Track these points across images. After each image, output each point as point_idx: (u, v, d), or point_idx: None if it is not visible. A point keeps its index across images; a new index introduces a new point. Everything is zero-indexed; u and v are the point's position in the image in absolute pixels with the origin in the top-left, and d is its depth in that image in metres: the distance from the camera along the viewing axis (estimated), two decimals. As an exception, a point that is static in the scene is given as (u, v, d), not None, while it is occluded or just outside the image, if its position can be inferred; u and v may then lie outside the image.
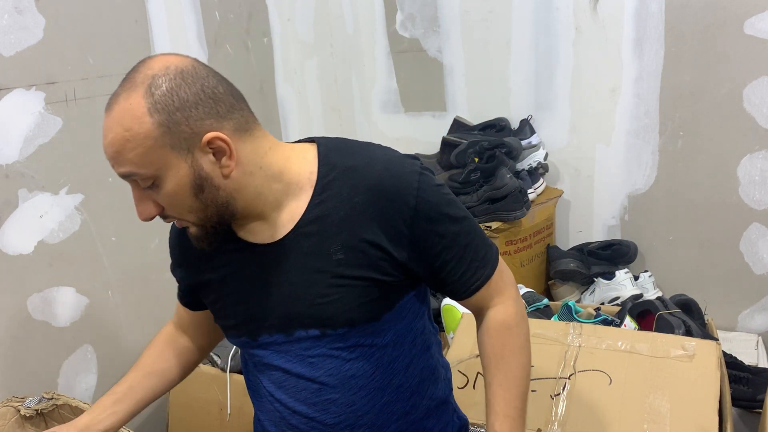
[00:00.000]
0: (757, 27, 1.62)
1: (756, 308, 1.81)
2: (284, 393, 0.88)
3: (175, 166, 0.76)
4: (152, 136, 0.74)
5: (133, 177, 0.77)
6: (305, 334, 0.85)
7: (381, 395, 0.87)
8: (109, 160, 0.77)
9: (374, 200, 0.81)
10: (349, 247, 0.82)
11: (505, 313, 0.91)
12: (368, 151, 0.85)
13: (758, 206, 1.73)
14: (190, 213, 0.80)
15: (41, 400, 1.25)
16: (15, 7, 1.23)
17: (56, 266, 1.34)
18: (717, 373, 1.22)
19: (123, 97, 0.75)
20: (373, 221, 0.81)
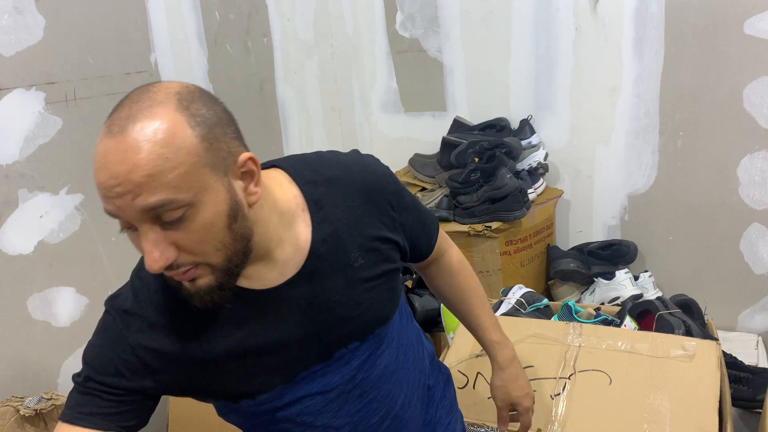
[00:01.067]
0: (757, 27, 1.62)
1: (756, 308, 1.81)
2: (326, 416, 0.84)
3: (215, 191, 0.65)
4: (195, 152, 0.63)
5: (162, 208, 0.63)
6: (345, 350, 0.82)
7: (405, 372, 0.90)
8: (129, 191, 0.62)
9: (367, 199, 0.83)
10: (365, 250, 0.82)
11: (458, 252, 1.04)
12: (333, 160, 0.85)
13: (758, 206, 1.73)
14: (217, 252, 0.67)
15: (40, 400, 1.25)
16: (15, 7, 1.23)
17: (56, 266, 1.34)
18: (717, 373, 1.22)
19: (144, 114, 0.65)
20: (373, 217, 0.83)
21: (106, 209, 0.66)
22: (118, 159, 0.64)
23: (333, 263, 0.80)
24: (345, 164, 0.84)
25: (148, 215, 0.63)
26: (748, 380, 1.47)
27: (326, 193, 0.80)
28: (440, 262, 1.01)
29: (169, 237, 0.65)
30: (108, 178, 0.64)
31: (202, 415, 1.50)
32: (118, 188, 0.63)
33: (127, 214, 0.64)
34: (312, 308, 0.79)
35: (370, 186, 0.83)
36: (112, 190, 0.63)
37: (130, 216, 0.64)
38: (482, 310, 1.03)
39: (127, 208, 0.63)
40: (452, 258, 1.02)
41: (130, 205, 0.63)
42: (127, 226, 0.66)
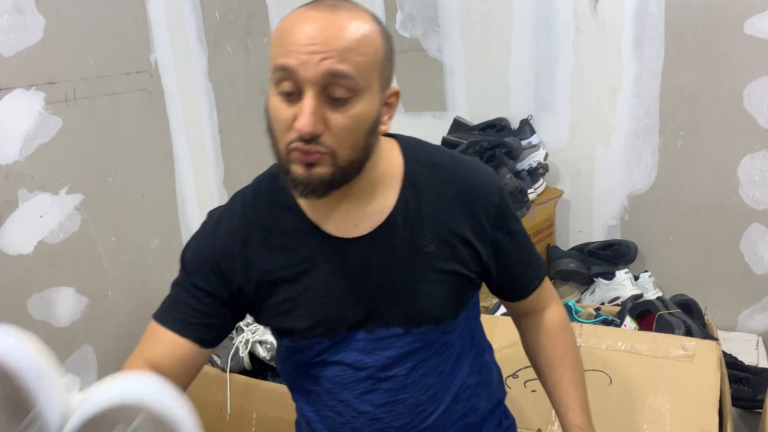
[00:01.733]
0: (757, 27, 1.62)
1: (756, 308, 1.81)
2: (350, 393, 0.83)
3: (373, 95, 0.73)
4: (380, 57, 0.72)
5: (341, 80, 0.69)
6: (386, 332, 0.82)
7: (446, 395, 0.86)
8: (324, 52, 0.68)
9: (463, 196, 0.83)
10: (439, 241, 0.82)
11: (560, 314, 0.95)
12: (448, 152, 0.89)
13: (758, 206, 1.73)
14: (349, 149, 0.73)
15: (41, 400, 1.25)
16: (15, 7, 1.23)
17: (56, 266, 1.34)
18: (717, 373, 1.21)
19: (351, 9, 0.72)
20: (462, 216, 0.83)
21: (281, 63, 0.69)
22: (324, 25, 0.69)
23: (404, 239, 0.81)
24: (458, 159, 0.87)
25: (323, 82, 0.69)
26: (748, 380, 1.47)
27: (426, 175, 0.83)
28: (537, 317, 0.95)
29: (325, 114, 0.70)
30: (307, 36, 0.68)
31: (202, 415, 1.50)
32: (315, 47, 0.68)
33: (308, 71, 0.68)
34: (370, 272, 0.80)
35: (471, 186, 0.84)
36: (307, 47, 0.68)
37: (308, 74, 0.68)
38: (573, 386, 0.91)
39: (311, 65, 0.68)
40: (552, 317, 0.94)
41: (317, 64, 0.68)
42: (291, 89, 0.70)
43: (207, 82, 1.75)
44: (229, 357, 1.48)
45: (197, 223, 1.86)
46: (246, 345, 1.49)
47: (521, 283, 0.91)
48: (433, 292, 0.82)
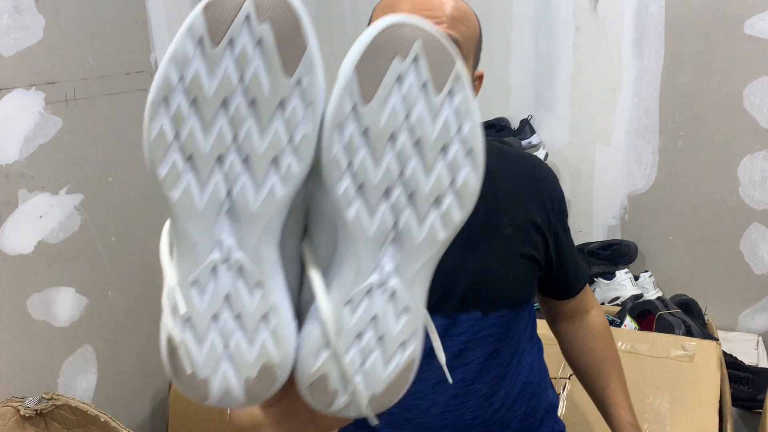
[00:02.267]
0: (757, 27, 1.62)
1: (756, 308, 1.81)
2: (421, 385, 0.79)
3: (469, 67, 0.78)
4: (477, 33, 0.78)
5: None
6: (465, 316, 0.80)
7: (512, 389, 0.85)
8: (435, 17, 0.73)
9: (534, 185, 0.86)
10: (517, 225, 0.83)
11: (603, 316, 0.97)
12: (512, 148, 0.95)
13: (758, 206, 1.73)
14: None
15: (41, 401, 1.25)
16: (15, 7, 1.23)
17: (56, 266, 1.34)
18: (717, 373, 1.22)
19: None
20: (533, 204, 0.85)
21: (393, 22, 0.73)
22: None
23: (483, 221, 0.80)
24: (522, 153, 0.91)
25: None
26: (748, 380, 1.47)
27: (497, 162, 0.84)
28: (582, 320, 0.96)
29: None
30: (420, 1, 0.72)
31: (202, 415, 1.50)
32: (428, 12, 0.72)
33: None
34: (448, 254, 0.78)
35: (540, 177, 0.87)
36: (421, 12, 0.71)
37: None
38: (621, 386, 0.94)
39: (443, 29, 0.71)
40: (598, 319, 0.96)
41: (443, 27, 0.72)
42: None
43: (207, 82, 1.75)
44: (229, 357, 1.48)
45: (197, 223, 1.82)
46: None
47: (571, 280, 0.92)
48: (511, 275, 0.82)
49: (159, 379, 1.63)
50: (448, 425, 0.80)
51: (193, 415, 1.52)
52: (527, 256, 0.83)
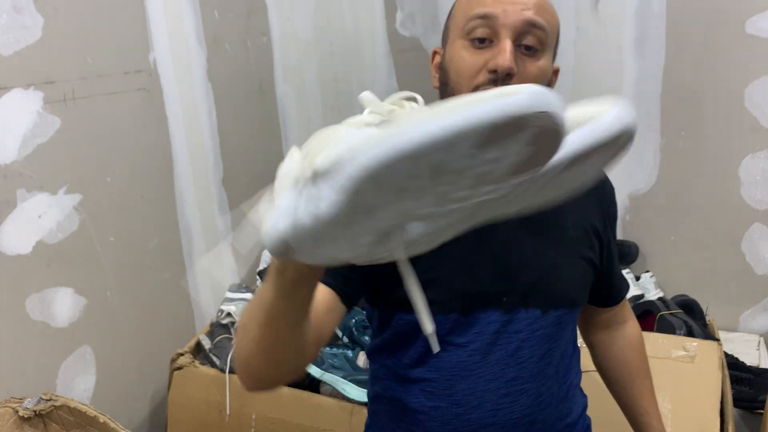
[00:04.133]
0: (758, 26, 1.61)
1: (757, 309, 1.80)
2: (474, 381, 0.78)
3: (550, 58, 0.80)
4: (558, 24, 0.79)
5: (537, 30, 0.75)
6: (525, 313, 0.78)
7: (560, 390, 0.83)
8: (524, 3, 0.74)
9: (596, 191, 0.86)
10: (579, 227, 0.84)
11: (639, 329, 0.99)
12: None
13: (760, 206, 1.73)
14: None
15: (39, 401, 1.24)
16: (13, 7, 1.22)
17: (55, 266, 1.34)
18: (718, 373, 1.21)
19: None
20: (595, 209, 0.86)
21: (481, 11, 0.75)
22: None
23: (550, 220, 0.80)
24: None
25: (520, 30, 0.74)
26: (749, 381, 1.47)
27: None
28: (620, 330, 0.98)
29: (517, 60, 0.75)
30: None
31: (201, 416, 1.50)
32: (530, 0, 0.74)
33: (509, 19, 0.74)
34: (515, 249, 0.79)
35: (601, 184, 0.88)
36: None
37: (508, 21, 0.73)
38: (653, 396, 0.97)
39: (512, 14, 0.73)
40: (634, 330, 0.98)
41: (518, 13, 0.73)
42: (486, 35, 0.75)
43: (206, 82, 1.75)
44: (229, 358, 1.47)
45: (196, 222, 1.85)
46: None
47: (615, 288, 0.94)
48: (572, 275, 0.83)
49: (158, 380, 1.62)
50: (496, 423, 0.78)
51: (192, 416, 1.51)
52: (587, 258, 0.84)
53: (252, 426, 1.43)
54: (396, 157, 0.35)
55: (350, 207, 0.39)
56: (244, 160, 1.91)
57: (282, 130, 2.12)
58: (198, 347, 1.60)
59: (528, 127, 0.36)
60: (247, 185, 1.93)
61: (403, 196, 0.39)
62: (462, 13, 0.78)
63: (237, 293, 1.67)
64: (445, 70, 0.80)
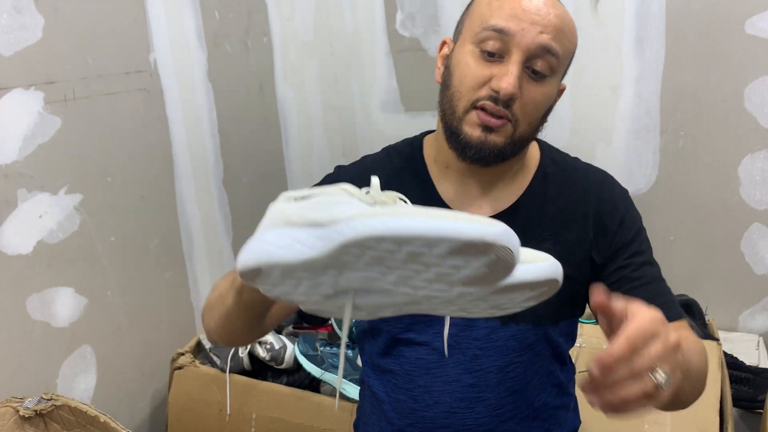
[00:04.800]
0: (758, 26, 1.61)
1: (757, 308, 1.80)
2: (432, 379, 0.80)
3: (557, 82, 0.79)
4: (574, 48, 0.78)
5: (549, 56, 0.74)
6: (484, 322, 0.79)
7: (527, 407, 0.82)
8: (542, 25, 0.72)
9: (590, 203, 0.83)
10: (558, 240, 0.80)
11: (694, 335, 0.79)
12: (582, 161, 0.91)
13: (759, 206, 1.73)
14: (528, 125, 0.77)
15: (40, 401, 1.24)
16: (14, 7, 1.22)
17: (55, 266, 1.34)
18: (718, 373, 1.21)
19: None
20: (586, 223, 0.82)
21: (499, 25, 0.73)
22: (548, 1, 0.73)
23: (522, 229, 0.76)
24: (592, 168, 0.90)
25: (533, 53, 0.72)
26: (749, 381, 1.47)
27: (557, 174, 0.85)
28: None
29: (523, 82, 0.73)
30: (532, 5, 0.72)
31: (201, 415, 1.50)
32: (536, 17, 0.71)
33: (524, 39, 0.72)
34: None
35: (601, 194, 0.85)
36: (530, 15, 0.71)
37: (524, 41, 0.72)
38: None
39: (529, 35, 0.71)
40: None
41: (535, 35, 0.72)
42: (496, 51, 0.73)
43: (206, 82, 1.75)
44: (229, 357, 1.47)
45: (197, 223, 1.85)
46: (245, 345, 1.48)
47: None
48: None
49: (158, 380, 1.63)
50: (451, 425, 0.79)
51: (192, 416, 1.51)
52: (564, 275, 0.78)
53: (252, 425, 1.43)
54: (387, 235, 0.43)
55: (329, 259, 0.46)
56: (244, 160, 1.92)
57: (282, 130, 2.12)
58: (198, 347, 1.60)
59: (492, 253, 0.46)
60: (247, 185, 1.94)
61: (374, 268, 0.47)
62: (480, 17, 0.76)
63: (237, 293, 1.67)
64: (449, 70, 0.79)
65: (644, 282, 0.81)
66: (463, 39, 0.78)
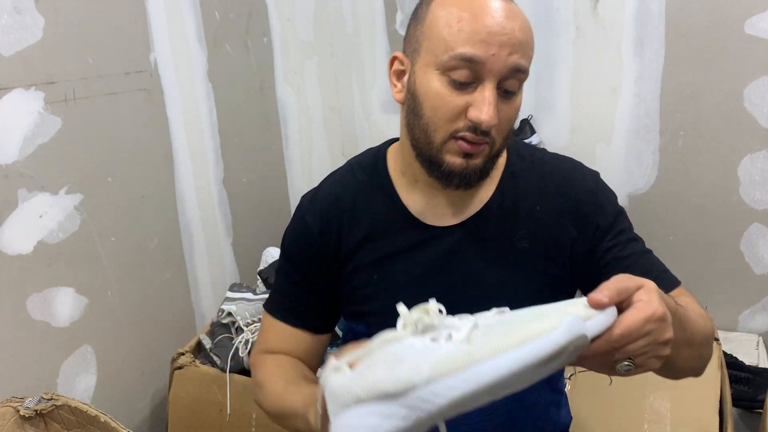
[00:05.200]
0: (757, 26, 1.62)
1: (756, 308, 1.81)
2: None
3: (522, 91, 0.75)
4: (533, 51, 0.74)
5: (520, 74, 0.70)
6: None
7: (518, 409, 0.82)
8: (511, 45, 0.68)
9: (565, 194, 0.81)
10: (535, 238, 0.79)
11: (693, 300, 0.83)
12: (549, 152, 0.87)
13: (759, 206, 1.73)
14: (503, 139, 0.74)
15: (40, 401, 1.25)
16: (14, 7, 1.22)
17: (56, 266, 1.34)
18: (717, 373, 1.21)
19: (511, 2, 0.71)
20: (562, 215, 0.80)
21: (467, 54, 0.68)
22: (508, 14, 0.68)
23: (498, 232, 0.78)
24: (560, 158, 0.85)
25: (504, 76, 0.69)
26: (748, 380, 1.47)
27: (526, 170, 0.82)
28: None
29: (497, 105, 0.70)
30: (497, 25, 0.67)
31: (201, 415, 1.50)
32: (503, 37, 0.68)
33: (495, 65, 0.68)
34: (459, 264, 0.78)
35: (573, 185, 0.81)
36: (497, 38, 0.67)
37: (495, 68, 0.68)
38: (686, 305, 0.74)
39: (499, 59, 0.68)
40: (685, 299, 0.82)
41: (504, 58, 0.68)
42: (468, 80, 0.69)
43: (206, 82, 1.75)
44: (229, 357, 1.47)
45: (197, 223, 1.86)
46: (246, 345, 1.49)
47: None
48: (521, 290, 0.79)
49: (158, 379, 1.63)
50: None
51: (192, 416, 1.51)
52: (543, 271, 0.79)
53: (252, 425, 1.43)
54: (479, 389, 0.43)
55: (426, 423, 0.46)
56: (244, 160, 1.92)
57: (282, 130, 2.13)
58: (198, 347, 1.61)
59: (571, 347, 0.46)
60: (247, 185, 1.94)
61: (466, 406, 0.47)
62: (441, 42, 0.69)
63: (237, 293, 1.67)
64: (414, 96, 0.73)
65: (635, 259, 0.84)
66: (424, 62, 0.72)
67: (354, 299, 0.83)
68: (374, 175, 0.83)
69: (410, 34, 0.76)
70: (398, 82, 0.78)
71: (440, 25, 0.69)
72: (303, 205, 0.86)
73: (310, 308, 0.85)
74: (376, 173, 0.83)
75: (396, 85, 0.78)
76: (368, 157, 0.86)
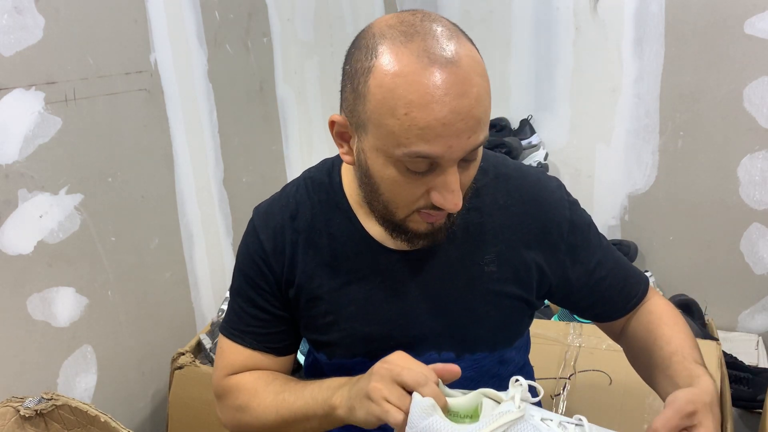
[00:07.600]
0: (757, 27, 1.62)
1: (756, 308, 1.81)
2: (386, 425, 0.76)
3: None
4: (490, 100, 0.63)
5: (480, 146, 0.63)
6: (437, 357, 0.74)
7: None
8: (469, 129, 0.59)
9: (532, 211, 0.76)
10: (503, 260, 0.75)
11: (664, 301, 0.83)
12: (513, 163, 0.80)
13: (758, 206, 1.73)
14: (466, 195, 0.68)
15: (41, 401, 1.25)
16: (15, 7, 1.23)
17: (56, 266, 1.34)
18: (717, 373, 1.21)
19: (461, 42, 0.61)
20: (531, 234, 0.76)
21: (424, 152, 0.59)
22: (458, 92, 0.57)
23: (464, 255, 0.74)
24: (525, 171, 0.79)
25: (465, 156, 0.61)
26: (748, 380, 1.47)
27: (489, 186, 0.76)
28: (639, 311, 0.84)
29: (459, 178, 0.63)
30: (448, 113, 0.57)
31: (201, 415, 1.50)
32: (460, 124, 0.58)
33: (455, 155, 0.59)
34: (423, 289, 0.74)
35: (540, 200, 0.76)
36: (452, 127, 0.57)
37: (454, 156, 0.60)
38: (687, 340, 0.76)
39: (458, 149, 0.59)
40: (656, 301, 0.84)
41: (463, 143, 0.59)
42: (426, 169, 0.61)
43: (207, 82, 1.75)
44: (229, 357, 1.47)
45: (197, 223, 1.86)
46: None
47: (616, 301, 0.82)
48: (490, 316, 0.75)
49: (159, 379, 1.63)
50: None
51: (192, 416, 1.52)
52: (512, 295, 0.76)
53: (252, 425, 1.43)
54: None
55: None
56: (244, 160, 1.92)
57: (282, 130, 2.13)
58: (199, 347, 1.61)
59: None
60: (247, 185, 1.94)
61: None
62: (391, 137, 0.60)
63: (237, 293, 1.67)
64: (368, 174, 0.65)
65: (609, 268, 0.81)
66: (373, 146, 0.63)
67: (313, 328, 0.78)
68: (330, 194, 0.77)
69: (350, 103, 0.64)
70: (344, 143, 0.69)
71: (384, 112, 0.59)
72: (255, 219, 0.80)
73: (269, 330, 0.78)
74: (332, 194, 0.77)
75: (342, 146, 0.69)
76: (323, 175, 0.80)
